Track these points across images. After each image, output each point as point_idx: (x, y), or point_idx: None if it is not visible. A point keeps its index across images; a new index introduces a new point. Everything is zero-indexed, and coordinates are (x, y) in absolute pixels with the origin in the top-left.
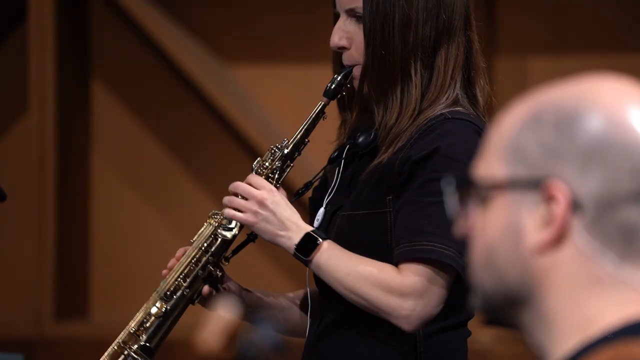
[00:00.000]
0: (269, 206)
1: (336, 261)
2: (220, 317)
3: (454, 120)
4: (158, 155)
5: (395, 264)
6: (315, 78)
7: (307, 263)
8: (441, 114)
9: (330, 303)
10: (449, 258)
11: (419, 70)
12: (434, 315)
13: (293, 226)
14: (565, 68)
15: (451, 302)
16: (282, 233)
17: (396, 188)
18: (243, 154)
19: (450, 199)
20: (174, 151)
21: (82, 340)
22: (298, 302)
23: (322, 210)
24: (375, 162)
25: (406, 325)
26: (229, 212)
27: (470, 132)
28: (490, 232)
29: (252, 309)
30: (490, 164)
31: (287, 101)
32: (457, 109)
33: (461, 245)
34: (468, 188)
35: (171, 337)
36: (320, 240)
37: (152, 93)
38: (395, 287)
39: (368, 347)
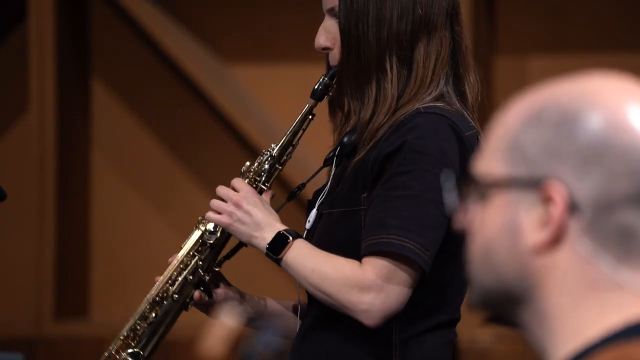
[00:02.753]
0: (244, 207)
1: (304, 259)
2: (222, 324)
3: (426, 114)
4: (158, 155)
5: (360, 258)
6: (315, 78)
7: (278, 262)
8: (416, 109)
9: (310, 306)
10: (408, 251)
11: (394, 66)
12: (395, 310)
13: (267, 227)
14: (565, 68)
15: (426, 302)
16: (256, 234)
17: (370, 185)
18: (243, 154)
19: (450, 194)
20: (174, 151)
21: (82, 340)
22: (292, 307)
23: (314, 211)
24: (355, 159)
25: (367, 320)
26: (208, 214)
27: (442, 126)
28: (488, 229)
29: (254, 315)
30: (490, 161)
31: (287, 101)
32: (436, 104)
33: (427, 240)
34: (468, 183)
35: (171, 337)
36: (291, 238)
37: (152, 93)
38: (354, 282)
39: (343, 351)
